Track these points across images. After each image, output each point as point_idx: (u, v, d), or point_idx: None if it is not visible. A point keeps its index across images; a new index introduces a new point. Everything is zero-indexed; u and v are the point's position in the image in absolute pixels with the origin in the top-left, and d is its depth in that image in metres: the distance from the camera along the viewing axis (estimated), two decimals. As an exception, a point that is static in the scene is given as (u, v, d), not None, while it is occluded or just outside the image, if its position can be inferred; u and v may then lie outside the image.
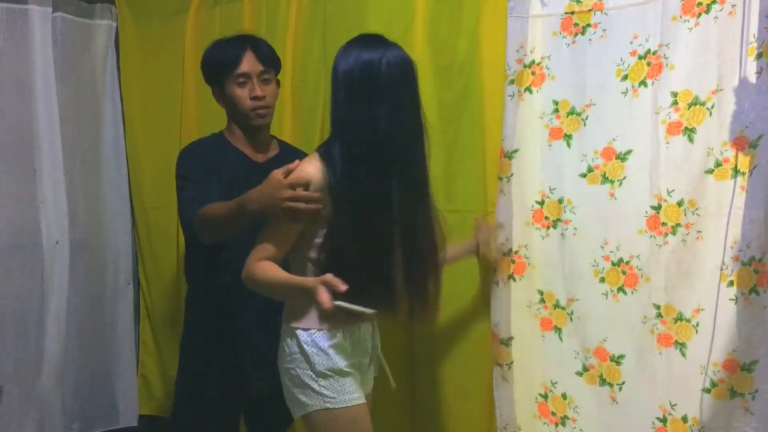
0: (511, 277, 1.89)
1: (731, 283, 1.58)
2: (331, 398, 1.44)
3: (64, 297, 2.35)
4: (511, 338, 1.89)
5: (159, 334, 2.60)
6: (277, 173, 1.35)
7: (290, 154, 1.81)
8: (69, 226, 2.37)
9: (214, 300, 1.77)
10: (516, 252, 1.88)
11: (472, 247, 1.83)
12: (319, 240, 1.44)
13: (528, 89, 1.86)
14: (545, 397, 1.85)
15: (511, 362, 1.89)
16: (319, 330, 1.46)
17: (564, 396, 1.83)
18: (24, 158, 2.29)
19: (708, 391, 1.62)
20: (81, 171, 2.49)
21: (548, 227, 1.85)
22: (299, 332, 1.47)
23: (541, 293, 1.85)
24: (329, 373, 1.44)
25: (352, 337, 1.50)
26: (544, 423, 1.85)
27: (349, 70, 1.39)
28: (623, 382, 1.75)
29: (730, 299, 1.59)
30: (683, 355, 1.65)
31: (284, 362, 1.50)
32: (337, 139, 1.42)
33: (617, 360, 1.76)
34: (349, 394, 1.45)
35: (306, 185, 1.36)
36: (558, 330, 1.83)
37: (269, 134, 1.86)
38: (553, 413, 1.84)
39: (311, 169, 1.40)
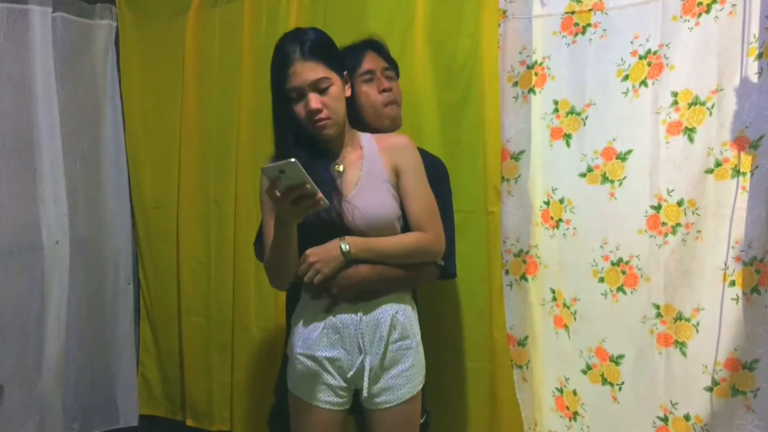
0: (523, 277, 1.90)
1: (733, 283, 1.59)
2: (289, 379, 1.49)
3: (64, 297, 2.34)
4: (526, 337, 1.89)
5: (159, 334, 2.60)
6: None
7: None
8: (69, 226, 2.36)
9: None
10: (527, 252, 1.89)
11: None
12: None
13: (531, 90, 1.86)
14: (561, 391, 1.86)
15: (528, 361, 1.89)
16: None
17: (574, 392, 1.84)
18: (24, 158, 2.27)
19: (710, 389, 1.62)
20: (81, 171, 2.48)
21: (554, 227, 1.86)
22: None
23: (553, 291, 1.86)
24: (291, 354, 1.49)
25: (327, 327, 1.42)
26: (560, 416, 1.86)
27: None
28: (623, 382, 1.75)
29: (732, 299, 1.59)
30: (683, 354, 1.66)
31: None
32: None
33: (616, 360, 1.76)
34: (294, 381, 1.46)
35: None
36: (567, 328, 1.84)
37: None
38: (567, 408, 1.85)
39: None
